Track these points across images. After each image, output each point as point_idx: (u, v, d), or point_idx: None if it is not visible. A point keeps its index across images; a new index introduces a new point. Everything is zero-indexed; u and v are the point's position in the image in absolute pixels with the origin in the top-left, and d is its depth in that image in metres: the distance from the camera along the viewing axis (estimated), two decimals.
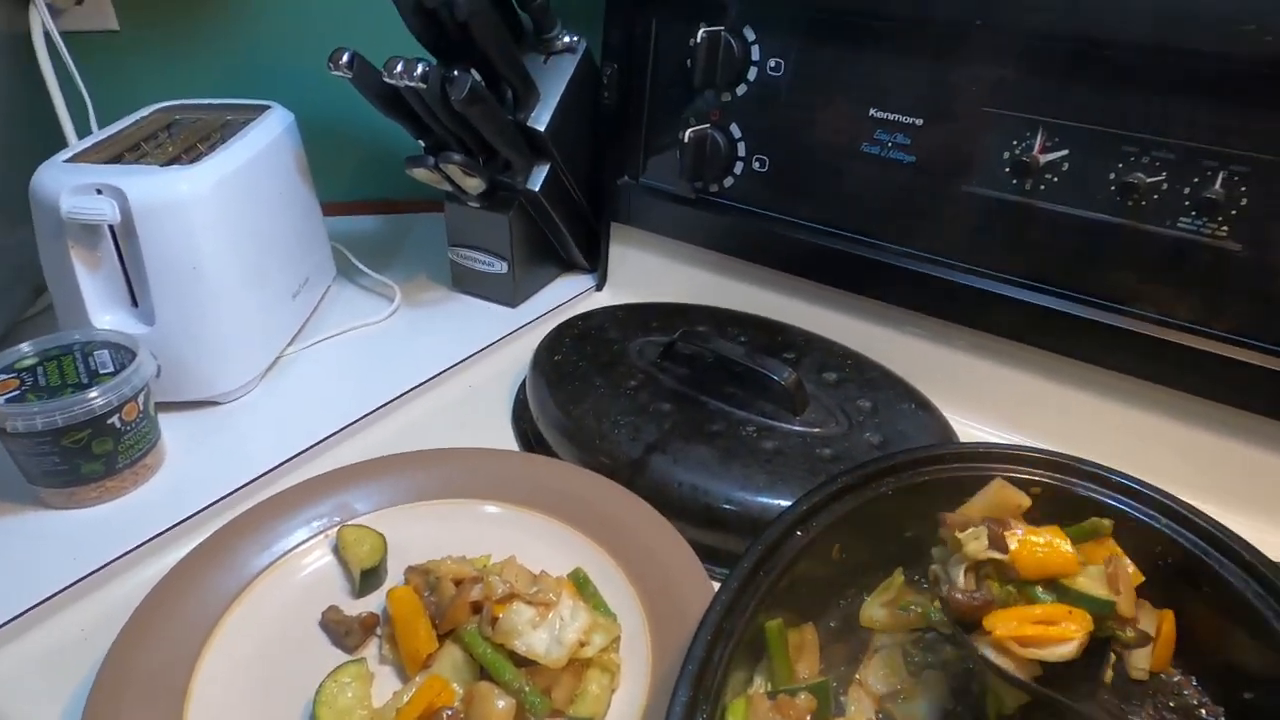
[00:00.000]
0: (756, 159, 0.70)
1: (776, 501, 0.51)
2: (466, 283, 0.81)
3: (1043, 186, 0.58)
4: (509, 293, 0.79)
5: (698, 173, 0.71)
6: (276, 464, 0.60)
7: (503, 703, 0.39)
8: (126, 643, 0.44)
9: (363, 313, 0.78)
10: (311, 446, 0.62)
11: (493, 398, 0.69)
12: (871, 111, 0.63)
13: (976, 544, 0.37)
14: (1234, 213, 0.52)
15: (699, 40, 0.66)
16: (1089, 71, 0.54)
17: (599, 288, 0.84)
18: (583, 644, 0.41)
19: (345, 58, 0.64)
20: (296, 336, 0.74)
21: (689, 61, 0.70)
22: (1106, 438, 0.59)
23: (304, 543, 0.51)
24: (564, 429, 0.59)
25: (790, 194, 0.69)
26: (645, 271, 0.81)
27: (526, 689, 0.40)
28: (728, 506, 0.52)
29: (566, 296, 0.82)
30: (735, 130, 0.70)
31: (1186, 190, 0.53)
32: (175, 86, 0.90)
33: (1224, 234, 0.52)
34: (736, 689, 0.38)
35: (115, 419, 0.55)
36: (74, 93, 0.80)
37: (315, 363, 0.72)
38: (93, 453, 0.55)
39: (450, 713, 0.39)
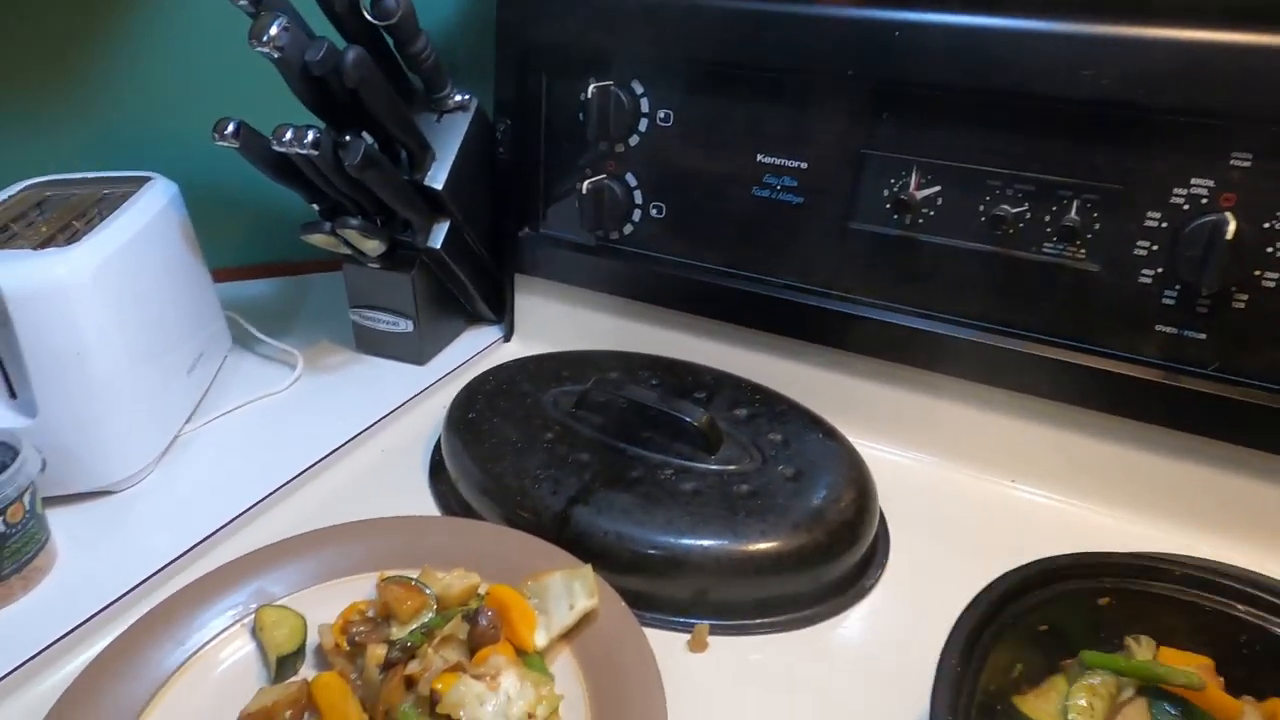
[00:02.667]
0: (654, 206, 0.72)
1: (699, 542, 0.52)
2: (371, 344, 0.80)
3: (921, 220, 0.62)
4: (416, 351, 0.78)
5: (598, 222, 0.72)
6: (179, 553, 0.57)
7: None
8: None
9: (263, 383, 0.76)
10: (216, 531, 0.59)
11: (408, 461, 0.68)
12: (759, 157, 0.66)
13: None
14: (1089, 236, 0.56)
15: (590, 95, 0.68)
16: (953, 114, 0.58)
17: (507, 338, 0.84)
18: (530, 716, 0.41)
19: (230, 127, 0.63)
20: (194, 414, 0.71)
21: (581, 115, 0.71)
22: (1000, 449, 0.63)
23: (221, 633, 0.48)
24: (483, 488, 0.59)
25: (688, 238, 0.71)
26: (552, 319, 0.81)
27: None
28: (653, 552, 0.52)
29: (475, 350, 0.82)
30: (631, 179, 0.72)
31: (1047, 218, 0.58)
32: (40, 159, 0.86)
33: (1083, 255, 0.57)
34: None
35: None
36: None
37: (215, 440, 0.69)
38: None
39: None
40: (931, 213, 0.61)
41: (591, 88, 0.68)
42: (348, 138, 0.64)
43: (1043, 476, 0.62)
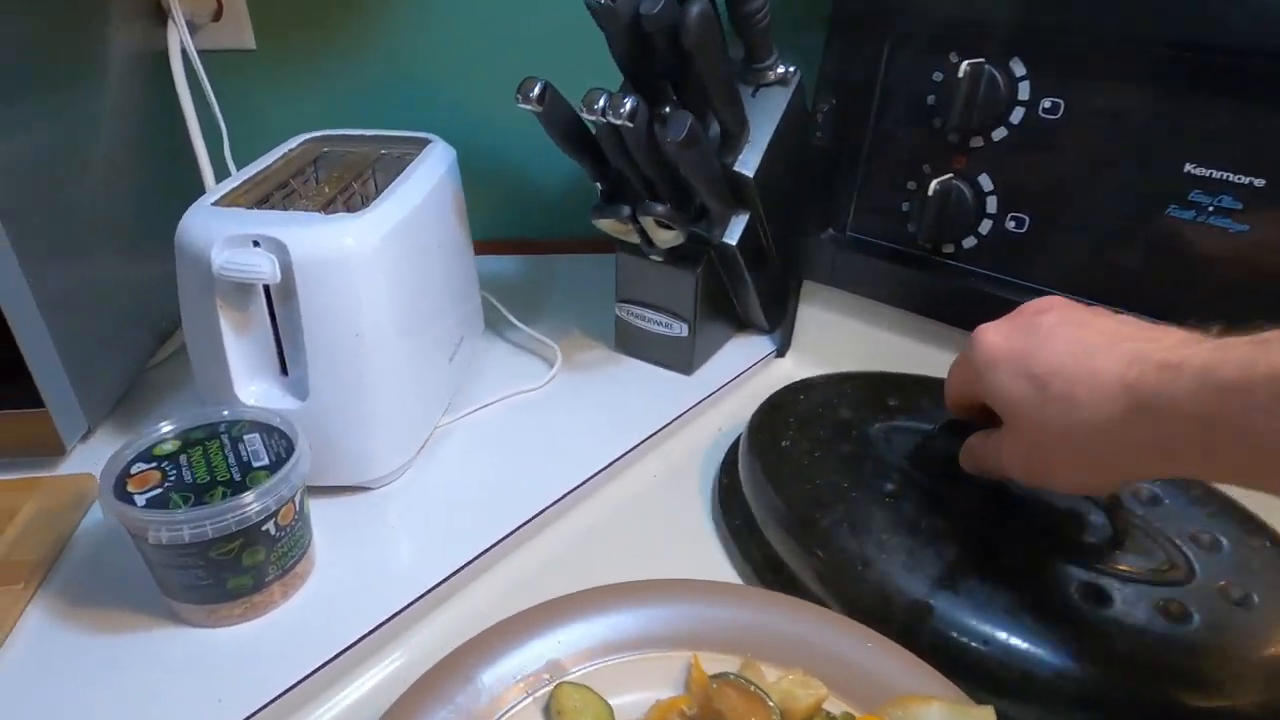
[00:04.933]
0: (1012, 217, 0.58)
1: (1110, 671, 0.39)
2: (634, 344, 0.71)
3: None
4: (686, 358, 0.68)
5: (938, 230, 0.59)
6: (441, 578, 0.50)
7: None
8: None
9: (519, 376, 0.68)
10: (477, 557, 0.51)
11: (683, 491, 0.58)
12: (1187, 167, 0.51)
13: None
14: None
15: (957, 73, 0.55)
16: None
17: (781, 353, 0.72)
18: None
19: (537, 89, 0.54)
20: (449, 404, 0.64)
21: (932, 98, 0.58)
22: None
23: (512, 709, 0.40)
24: (807, 547, 0.47)
25: (1057, 260, 0.57)
26: (839, 337, 0.69)
27: None
28: (1051, 676, 0.40)
29: (746, 363, 0.71)
30: (985, 181, 0.58)
31: None
32: (311, 112, 0.82)
33: None
34: None
35: (270, 525, 0.45)
36: (208, 115, 0.73)
37: (471, 438, 0.62)
38: (242, 565, 0.45)
39: None
40: None
41: (964, 65, 0.54)
42: (667, 109, 0.54)
43: None
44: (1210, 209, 0.50)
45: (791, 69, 0.62)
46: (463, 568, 0.51)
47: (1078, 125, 0.54)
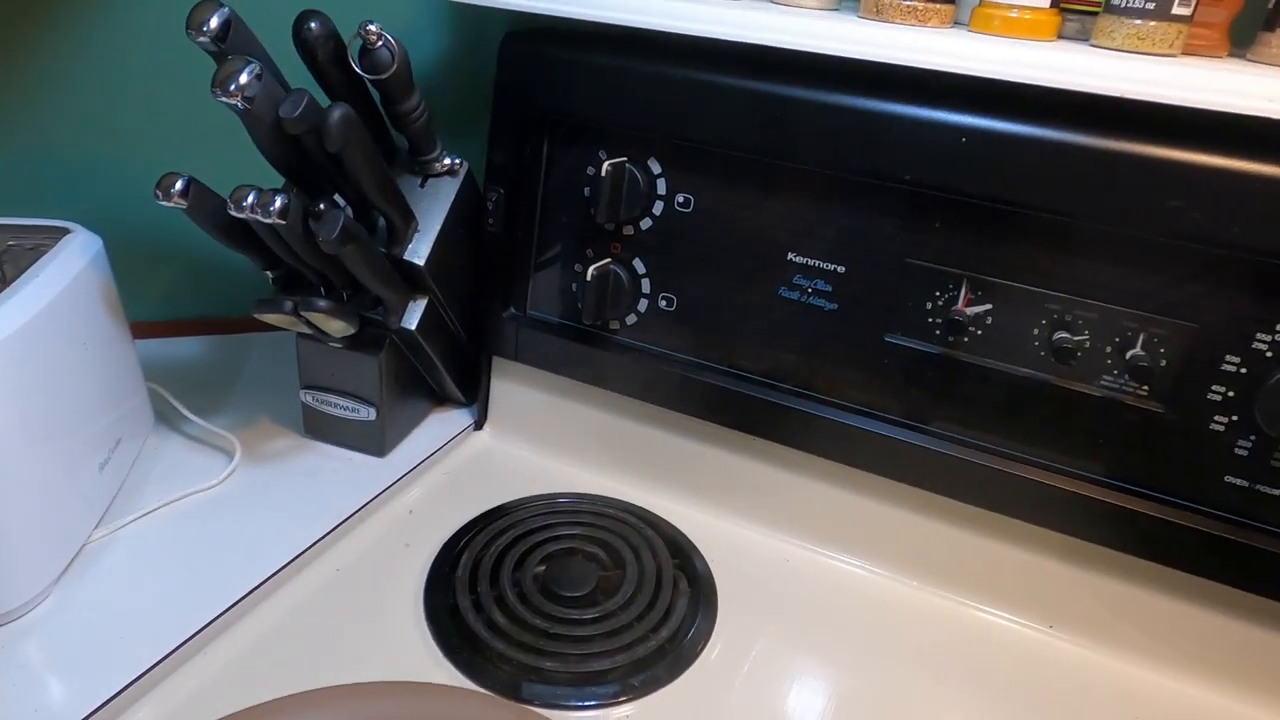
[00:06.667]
0: (663, 297, 0.64)
1: None
2: (323, 429, 0.69)
3: (968, 339, 0.56)
4: (377, 441, 0.68)
5: (600, 310, 0.64)
6: (91, 710, 0.46)
7: None
8: None
9: (192, 474, 0.64)
10: (129, 685, 0.47)
11: (377, 576, 0.58)
12: (790, 255, 0.59)
13: None
14: (1156, 374, 0.52)
15: (601, 170, 0.60)
16: (1016, 230, 0.53)
17: (478, 426, 0.75)
18: None
19: (179, 185, 0.53)
20: (105, 514, 0.59)
21: (587, 190, 0.64)
22: (1042, 593, 0.58)
23: None
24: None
25: (699, 335, 0.64)
26: (530, 408, 0.73)
27: None
28: None
29: (443, 439, 0.72)
30: (639, 265, 0.64)
31: (1109, 350, 0.53)
32: None
33: (1145, 393, 0.53)
34: None
35: None
36: None
37: (131, 551, 0.57)
38: None
39: None
40: (980, 332, 0.56)
41: (606, 163, 0.60)
42: (320, 205, 0.55)
43: (1084, 623, 0.57)
44: (810, 291, 0.59)
45: (458, 160, 0.65)
46: (113, 698, 0.47)
47: (704, 217, 0.61)
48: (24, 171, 0.74)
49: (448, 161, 0.64)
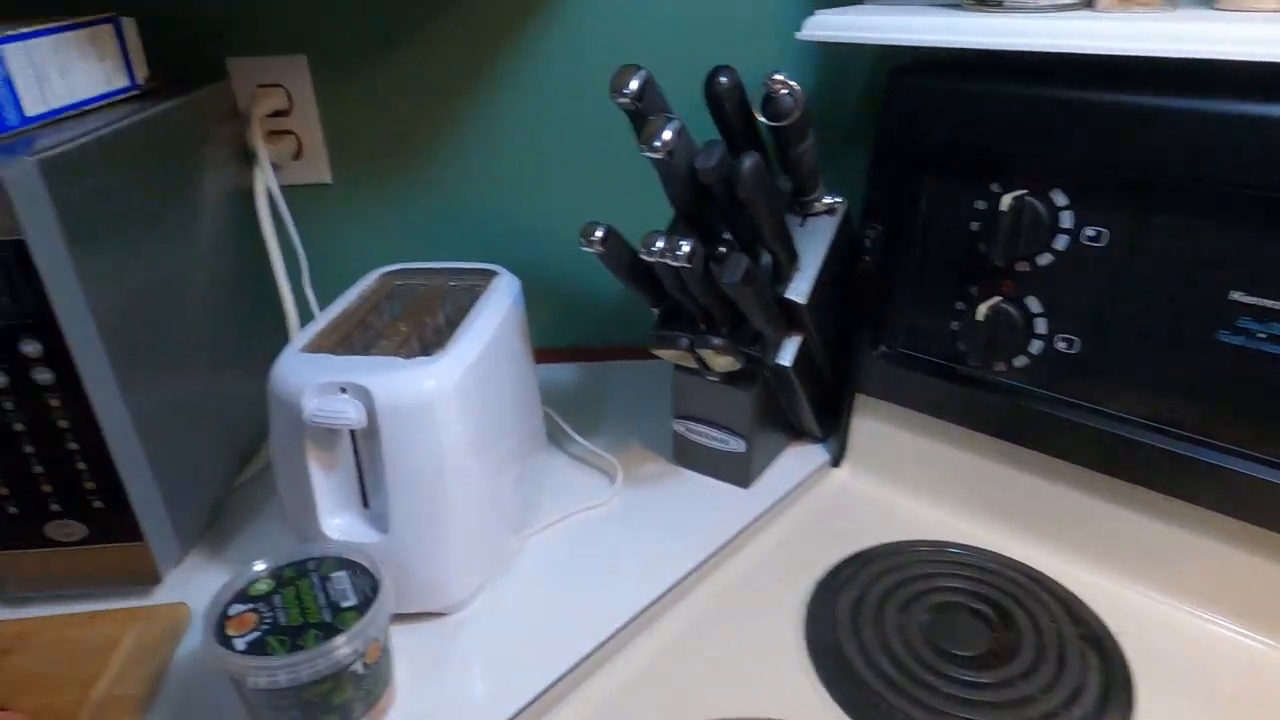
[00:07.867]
0: (1061, 338, 0.59)
1: None
2: (691, 458, 0.73)
3: None
4: (744, 472, 0.70)
5: (990, 351, 0.61)
6: (518, 709, 0.51)
7: None
8: None
9: (581, 493, 0.70)
10: (554, 684, 0.53)
11: (759, 605, 0.59)
12: (1233, 295, 0.52)
13: None
14: None
15: (998, 205, 0.57)
16: None
17: (835, 463, 0.74)
18: None
19: (599, 233, 0.58)
20: (518, 525, 0.66)
21: (976, 226, 0.61)
22: None
23: None
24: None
25: (1108, 380, 0.58)
26: (891, 448, 0.70)
27: None
28: None
29: (801, 474, 0.72)
30: (1034, 304, 0.60)
31: None
32: (381, 238, 0.87)
33: None
34: None
35: (358, 664, 0.47)
36: (287, 243, 0.78)
37: (540, 559, 0.64)
38: (332, 704, 0.47)
39: None
40: None
41: (1006, 197, 0.57)
42: (722, 249, 0.57)
43: None
44: (1261, 335, 0.51)
45: (838, 199, 0.65)
46: (535, 699, 0.52)
47: (1120, 251, 0.56)
48: (452, 217, 0.87)
49: (827, 200, 0.65)
